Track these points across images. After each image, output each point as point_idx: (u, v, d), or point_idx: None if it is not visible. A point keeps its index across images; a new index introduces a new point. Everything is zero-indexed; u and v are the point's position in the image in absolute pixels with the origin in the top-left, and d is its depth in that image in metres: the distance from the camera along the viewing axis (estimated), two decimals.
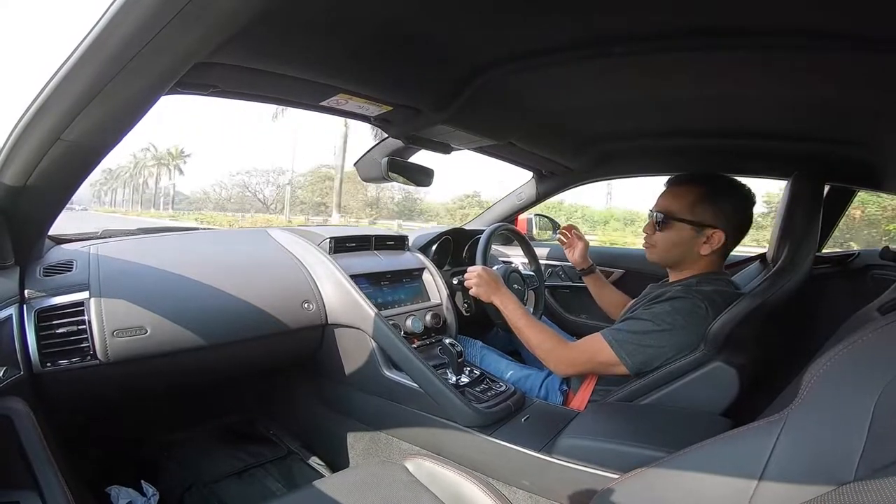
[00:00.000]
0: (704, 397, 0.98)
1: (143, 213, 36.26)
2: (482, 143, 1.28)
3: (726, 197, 1.06)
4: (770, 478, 0.52)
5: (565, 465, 0.88)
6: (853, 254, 1.43)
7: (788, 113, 1.11)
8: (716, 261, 1.10)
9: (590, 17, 0.77)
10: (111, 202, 50.58)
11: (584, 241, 1.45)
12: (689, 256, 1.09)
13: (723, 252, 1.09)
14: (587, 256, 1.46)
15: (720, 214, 1.05)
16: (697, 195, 1.06)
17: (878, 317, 0.83)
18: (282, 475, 1.27)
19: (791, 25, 0.70)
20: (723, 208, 1.05)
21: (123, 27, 0.48)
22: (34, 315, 0.84)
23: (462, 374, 1.13)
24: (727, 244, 1.06)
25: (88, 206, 42.60)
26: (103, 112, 0.62)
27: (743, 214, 1.07)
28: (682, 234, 1.07)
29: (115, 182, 49.36)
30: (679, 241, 1.08)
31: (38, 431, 0.73)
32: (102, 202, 51.07)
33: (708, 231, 1.05)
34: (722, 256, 1.10)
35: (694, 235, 1.06)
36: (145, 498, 1.09)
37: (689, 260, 1.09)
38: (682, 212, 1.07)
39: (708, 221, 1.05)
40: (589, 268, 1.46)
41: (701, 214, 1.05)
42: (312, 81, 0.86)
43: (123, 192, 49.48)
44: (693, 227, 1.06)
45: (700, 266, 1.09)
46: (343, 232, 1.38)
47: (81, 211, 32.67)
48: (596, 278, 1.47)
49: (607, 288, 1.46)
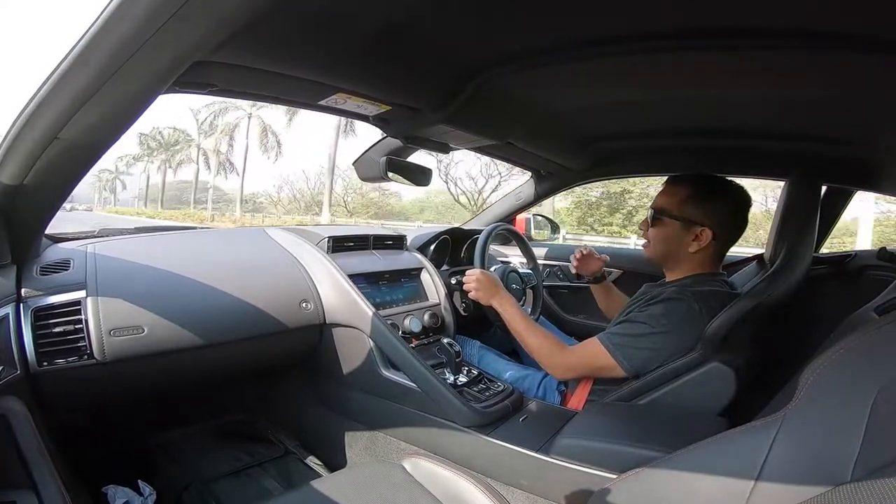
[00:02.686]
0: (702, 398, 0.98)
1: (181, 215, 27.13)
2: (481, 142, 1.28)
3: (717, 196, 1.07)
4: (767, 478, 0.52)
5: (563, 464, 0.88)
6: (850, 255, 1.43)
7: (786, 113, 1.11)
8: (711, 261, 1.10)
9: (588, 17, 0.77)
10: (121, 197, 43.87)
11: (601, 261, 1.44)
12: (680, 254, 1.09)
13: (717, 252, 1.09)
14: (601, 269, 1.44)
15: (709, 213, 1.05)
16: (687, 193, 1.07)
17: (875, 317, 0.83)
18: (279, 475, 1.26)
19: (789, 25, 0.70)
20: (712, 207, 1.06)
21: (121, 26, 0.48)
22: (31, 314, 0.84)
23: (460, 374, 1.13)
24: (717, 244, 1.07)
25: (93, 206, 40.23)
26: (101, 111, 0.62)
27: (734, 215, 1.08)
28: (670, 231, 1.08)
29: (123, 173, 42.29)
30: (666, 238, 1.09)
31: (35, 431, 0.73)
32: (107, 201, 44.72)
33: (696, 229, 1.05)
34: (717, 257, 1.11)
35: (682, 232, 1.07)
36: (142, 497, 1.08)
37: (680, 258, 1.10)
38: (672, 209, 1.08)
39: (696, 219, 1.05)
40: (601, 276, 1.45)
41: (689, 212, 1.06)
42: (311, 80, 0.86)
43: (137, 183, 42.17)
44: (681, 223, 1.07)
45: (694, 266, 1.09)
46: (341, 231, 1.38)
47: (85, 211, 30.67)
48: (605, 288, 1.46)
49: (614, 296, 1.45)
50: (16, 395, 0.78)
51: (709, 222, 1.05)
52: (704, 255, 1.08)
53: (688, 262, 1.10)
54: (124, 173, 43.20)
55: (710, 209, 1.05)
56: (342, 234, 1.36)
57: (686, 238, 1.07)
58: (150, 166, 37.88)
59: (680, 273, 1.12)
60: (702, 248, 1.06)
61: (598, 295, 1.47)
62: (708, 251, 1.07)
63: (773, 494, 0.51)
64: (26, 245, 0.90)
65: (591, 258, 1.43)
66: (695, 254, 1.07)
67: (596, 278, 1.45)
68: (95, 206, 42.24)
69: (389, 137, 1.26)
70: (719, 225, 1.05)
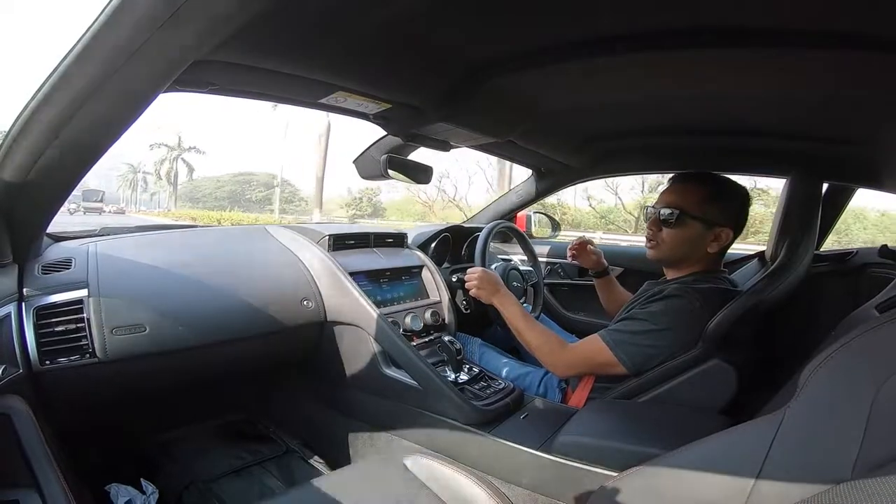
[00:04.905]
0: (702, 395, 0.98)
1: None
2: (481, 140, 1.27)
3: (733, 196, 1.07)
4: (767, 476, 0.52)
5: (564, 462, 0.88)
6: (851, 252, 1.43)
7: (787, 111, 1.11)
8: (714, 259, 1.10)
9: (589, 16, 0.77)
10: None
11: (597, 254, 1.44)
12: (695, 254, 1.08)
13: (721, 250, 1.09)
14: (601, 261, 1.45)
15: (727, 212, 1.05)
16: (706, 193, 1.06)
17: (876, 315, 0.83)
18: (281, 473, 1.27)
19: (790, 25, 0.70)
20: (729, 206, 1.06)
21: (121, 26, 0.48)
22: (33, 313, 0.84)
23: (461, 372, 1.13)
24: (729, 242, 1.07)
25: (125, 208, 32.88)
26: (102, 109, 0.62)
27: (745, 213, 1.09)
28: (693, 232, 1.06)
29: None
30: (688, 239, 1.07)
31: (38, 430, 0.73)
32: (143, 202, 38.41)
33: (717, 229, 1.05)
34: (719, 255, 1.11)
35: (703, 233, 1.06)
36: (144, 496, 1.09)
37: (693, 258, 1.09)
38: (692, 209, 1.06)
39: (717, 219, 1.05)
40: (603, 270, 1.45)
41: (710, 212, 1.05)
42: (311, 79, 0.86)
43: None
44: (703, 224, 1.05)
45: (700, 264, 1.09)
46: (342, 229, 1.38)
47: (115, 213, 25.80)
48: (607, 281, 1.46)
49: (616, 291, 1.45)
50: (18, 394, 0.78)
51: (730, 222, 1.05)
52: (715, 253, 1.08)
53: (699, 261, 1.09)
54: (149, 172, 37.48)
55: (728, 208, 1.06)
56: (343, 232, 1.36)
57: (706, 238, 1.06)
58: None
59: (682, 271, 1.12)
60: (722, 247, 1.06)
61: (600, 289, 1.47)
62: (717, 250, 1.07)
63: (773, 492, 0.51)
64: (28, 244, 0.90)
65: (586, 250, 1.43)
66: (710, 253, 1.07)
67: (598, 272, 1.45)
68: (128, 206, 36.00)
69: (390, 135, 1.26)
70: (737, 224, 1.06)
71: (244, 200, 34.89)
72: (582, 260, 1.44)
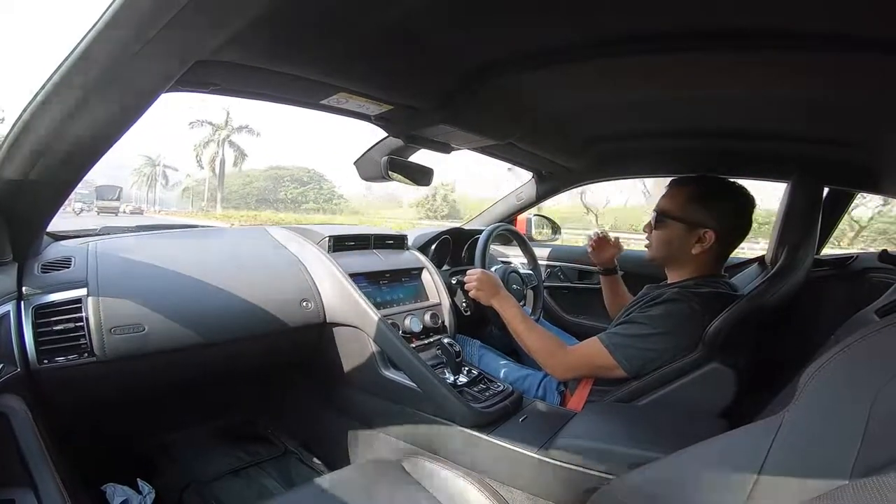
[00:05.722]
0: (702, 398, 0.98)
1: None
2: (482, 142, 1.28)
3: (720, 198, 1.06)
4: (766, 479, 0.52)
5: (562, 465, 0.88)
6: (851, 257, 1.43)
7: (788, 115, 1.11)
8: (713, 263, 1.10)
9: (590, 18, 0.77)
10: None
11: (617, 248, 1.44)
12: (682, 256, 1.09)
13: (719, 254, 1.09)
14: (614, 259, 1.44)
15: (712, 215, 1.05)
16: (689, 195, 1.07)
17: (876, 319, 0.83)
18: (280, 474, 1.27)
19: (790, 27, 0.70)
20: (715, 209, 1.05)
21: (124, 26, 0.48)
22: (32, 312, 0.84)
23: (460, 374, 1.12)
24: (720, 246, 1.06)
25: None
26: (104, 109, 0.62)
27: (737, 217, 1.07)
28: (673, 233, 1.08)
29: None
30: (669, 240, 1.09)
31: (35, 429, 0.73)
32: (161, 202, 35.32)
33: (699, 230, 1.05)
34: (719, 258, 1.10)
35: (685, 234, 1.07)
36: (141, 496, 1.09)
37: (682, 259, 1.10)
38: (675, 211, 1.08)
39: (699, 221, 1.05)
40: (612, 268, 1.45)
41: (692, 214, 1.06)
42: (313, 80, 0.86)
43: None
44: (684, 225, 1.06)
45: (696, 268, 1.09)
46: (342, 231, 1.38)
47: (132, 214, 23.60)
48: (614, 280, 1.45)
49: (621, 291, 1.45)
50: (16, 392, 0.78)
51: (712, 224, 1.05)
52: (706, 256, 1.07)
53: (690, 263, 1.10)
54: (170, 167, 33.34)
55: (713, 211, 1.05)
56: (343, 234, 1.36)
57: (689, 240, 1.07)
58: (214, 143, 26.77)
59: (682, 275, 1.12)
60: (705, 249, 1.06)
61: (605, 287, 1.46)
62: (710, 253, 1.07)
63: (772, 495, 0.51)
64: (27, 243, 0.90)
65: (606, 244, 1.43)
66: (697, 255, 1.07)
67: (607, 269, 1.45)
68: (144, 205, 33.22)
69: (391, 137, 1.26)
70: (722, 227, 1.05)
71: (274, 200, 31.95)
72: (600, 254, 1.43)
